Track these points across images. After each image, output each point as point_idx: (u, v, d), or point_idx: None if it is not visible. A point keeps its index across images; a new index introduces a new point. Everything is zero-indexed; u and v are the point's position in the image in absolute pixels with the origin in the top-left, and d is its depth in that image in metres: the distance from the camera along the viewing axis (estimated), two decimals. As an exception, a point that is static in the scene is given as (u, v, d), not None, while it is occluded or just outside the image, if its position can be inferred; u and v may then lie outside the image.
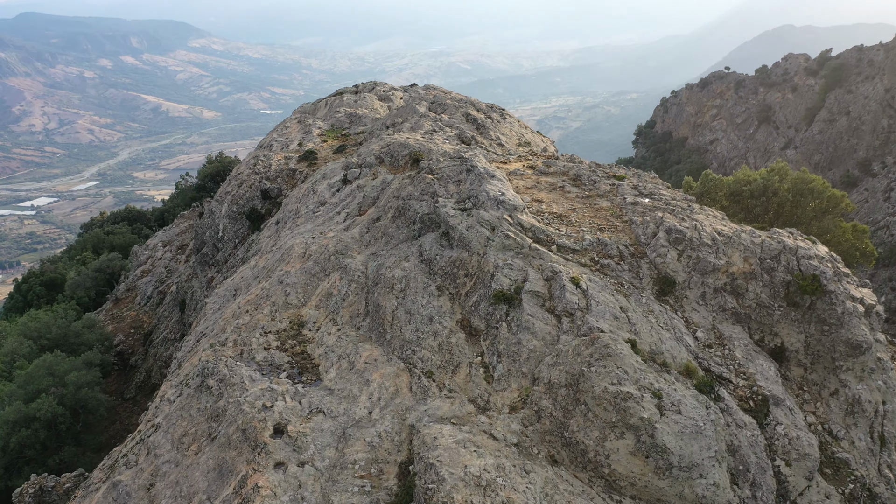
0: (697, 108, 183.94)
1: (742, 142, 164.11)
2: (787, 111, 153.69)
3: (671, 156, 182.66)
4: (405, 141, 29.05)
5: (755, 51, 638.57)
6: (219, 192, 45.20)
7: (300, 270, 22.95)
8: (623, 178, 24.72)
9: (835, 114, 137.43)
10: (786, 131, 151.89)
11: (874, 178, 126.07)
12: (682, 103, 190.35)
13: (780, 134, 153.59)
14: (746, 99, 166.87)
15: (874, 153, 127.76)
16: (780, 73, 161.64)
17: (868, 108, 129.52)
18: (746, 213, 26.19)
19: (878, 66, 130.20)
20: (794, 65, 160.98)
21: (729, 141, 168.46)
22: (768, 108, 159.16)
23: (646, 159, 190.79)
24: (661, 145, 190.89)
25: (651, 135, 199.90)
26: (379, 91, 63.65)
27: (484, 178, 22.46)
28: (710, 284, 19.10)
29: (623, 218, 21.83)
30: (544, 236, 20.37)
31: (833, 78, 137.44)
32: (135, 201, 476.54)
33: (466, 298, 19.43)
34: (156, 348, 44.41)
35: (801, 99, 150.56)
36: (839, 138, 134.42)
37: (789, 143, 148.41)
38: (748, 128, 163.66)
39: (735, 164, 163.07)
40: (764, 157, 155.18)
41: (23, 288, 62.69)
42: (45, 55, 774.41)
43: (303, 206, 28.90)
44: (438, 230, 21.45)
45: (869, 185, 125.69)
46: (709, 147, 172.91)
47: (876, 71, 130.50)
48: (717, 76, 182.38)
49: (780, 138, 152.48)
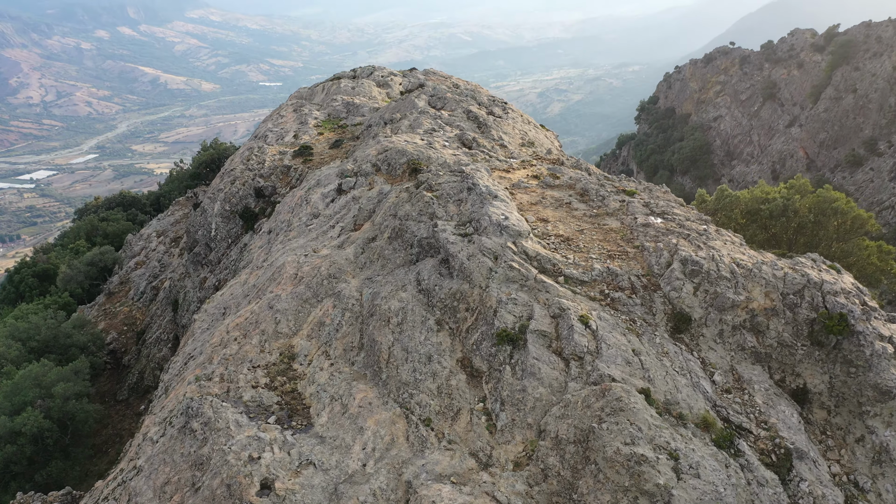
0: (701, 84, 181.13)
1: (746, 119, 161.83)
2: (792, 88, 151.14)
3: (674, 132, 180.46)
4: (403, 147, 27.56)
5: (759, 21, 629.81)
6: (211, 189, 43.75)
7: (291, 295, 21.67)
8: (633, 194, 23.31)
9: (841, 91, 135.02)
10: (791, 108, 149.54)
11: (880, 157, 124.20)
12: (685, 79, 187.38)
13: (784, 111, 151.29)
14: (751, 75, 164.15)
15: (881, 132, 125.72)
16: (785, 48, 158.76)
17: (875, 86, 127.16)
18: (764, 232, 24.82)
19: (886, 43, 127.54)
20: (800, 40, 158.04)
21: (733, 118, 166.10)
22: (773, 84, 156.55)
23: (648, 135, 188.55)
24: (664, 121, 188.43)
25: (654, 111, 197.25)
26: (377, 76, 61.89)
27: (486, 198, 21.05)
28: (729, 322, 17.83)
29: (634, 242, 20.47)
30: (551, 266, 19.04)
31: (840, 54, 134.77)
32: (134, 174, 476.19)
33: (467, 335, 18.17)
34: (148, 348, 43.31)
35: (807, 76, 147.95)
36: (845, 116, 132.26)
37: (794, 121, 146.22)
38: (753, 105, 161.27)
39: (739, 140, 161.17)
40: (768, 134, 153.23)
41: (15, 279, 61.47)
42: (41, 26, 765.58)
43: (295, 217, 27.52)
44: (438, 256, 20.12)
45: (875, 165, 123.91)
46: (712, 124, 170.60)
47: (884, 48, 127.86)
48: (721, 51, 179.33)
49: (785, 116, 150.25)
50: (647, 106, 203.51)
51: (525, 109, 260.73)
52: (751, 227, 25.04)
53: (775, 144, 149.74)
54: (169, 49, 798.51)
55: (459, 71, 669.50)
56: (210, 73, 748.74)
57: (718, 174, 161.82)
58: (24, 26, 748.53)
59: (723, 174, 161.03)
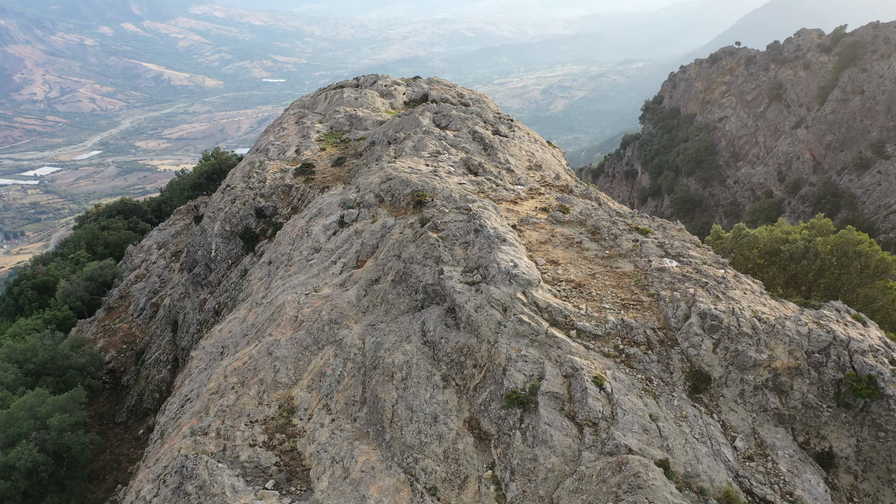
0: (706, 84, 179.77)
1: (752, 120, 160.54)
2: (798, 89, 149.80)
3: (679, 133, 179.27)
4: (407, 177, 26.66)
5: (764, 18, 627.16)
6: (212, 206, 42.92)
7: (291, 341, 20.82)
8: (647, 233, 22.40)
9: (848, 93, 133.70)
10: (797, 110, 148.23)
11: (888, 160, 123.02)
12: (690, 79, 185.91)
13: (791, 112, 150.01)
14: (757, 75, 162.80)
15: (888, 134, 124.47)
16: (792, 49, 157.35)
17: (883, 88, 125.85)
18: (784, 273, 23.89)
19: (894, 44, 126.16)
20: (806, 41, 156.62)
21: (738, 119, 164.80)
22: (779, 85, 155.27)
23: (653, 136, 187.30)
24: (669, 122, 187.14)
25: (658, 110, 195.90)
26: (380, 86, 60.96)
27: (494, 242, 20.16)
28: (750, 381, 16.95)
29: (649, 289, 19.57)
30: (562, 318, 18.16)
31: (847, 55, 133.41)
32: (137, 171, 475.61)
33: (475, 394, 17.31)
34: (147, 369, 42.55)
35: (814, 77, 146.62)
36: (852, 118, 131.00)
37: (801, 122, 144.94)
38: (758, 105, 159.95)
39: (744, 142, 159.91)
40: (774, 135, 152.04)
41: (14, 291, 60.79)
42: (44, 22, 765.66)
43: (296, 251, 26.66)
44: (444, 304, 19.25)
45: (882, 168, 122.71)
46: (717, 125, 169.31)
47: (892, 49, 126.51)
48: (726, 51, 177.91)
49: (792, 117, 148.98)
50: (652, 106, 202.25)
51: (528, 106, 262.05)
52: (770, 268, 24.10)
53: (781, 146, 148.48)
54: (172, 45, 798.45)
55: (463, 67, 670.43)
56: (213, 69, 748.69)
57: (724, 175, 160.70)
58: (28, 22, 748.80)
59: (728, 175, 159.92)
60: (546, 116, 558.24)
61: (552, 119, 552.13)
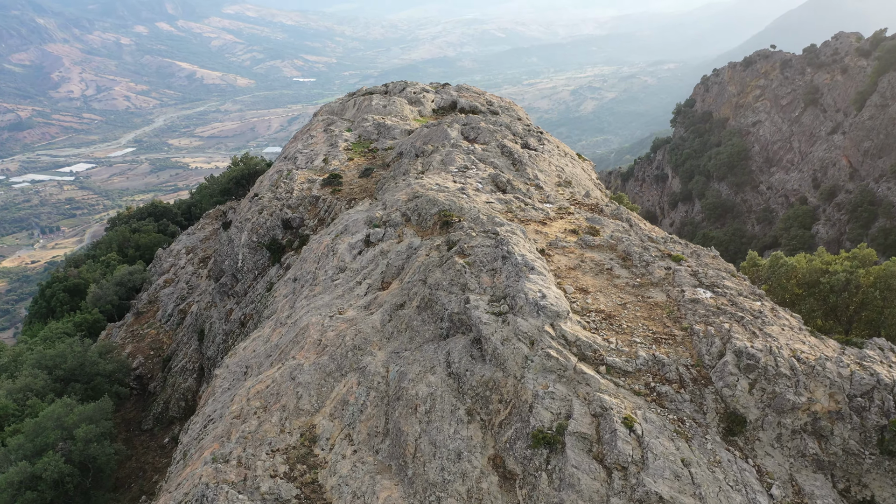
0: (740, 88, 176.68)
1: (787, 125, 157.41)
2: (835, 94, 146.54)
3: (711, 137, 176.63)
4: (434, 197, 26.26)
5: (800, 19, 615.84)
6: (239, 215, 42.99)
7: (314, 366, 20.54)
8: (680, 260, 21.72)
9: (888, 98, 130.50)
10: (834, 115, 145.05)
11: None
12: (723, 82, 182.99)
13: (827, 118, 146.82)
14: (793, 79, 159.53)
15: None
16: (829, 52, 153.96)
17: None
18: (823, 304, 23.03)
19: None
20: (844, 44, 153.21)
21: (773, 123, 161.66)
22: (816, 89, 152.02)
23: (684, 140, 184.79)
24: (701, 126, 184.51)
25: (690, 114, 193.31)
26: (409, 93, 60.67)
27: (522, 270, 19.67)
28: (788, 425, 16.26)
29: (682, 322, 18.94)
30: (591, 352, 17.62)
31: (887, 60, 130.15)
32: (170, 168, 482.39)
33: (500, 430, 16.86)
34: (174, 377, 42.76)
35: (852, 81, 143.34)
36: (891, 124, 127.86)
37: (837, 128, 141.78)
38: (793, 110, 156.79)
39: (778, 147, 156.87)
40: (810, 141, 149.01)
41: (46, 293, 61.73)
42: (82, 21, 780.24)
43: (321, 270, 26.41)
44: (469, 334, 18.82)
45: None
46: (751, 129, 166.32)
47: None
48: (761, 55, 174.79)
49: (828, 122, 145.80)
50: (684, 109, 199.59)
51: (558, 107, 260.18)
52: (808, 299, 23.23)
53: (817, 152, 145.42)
54: (205, 44, 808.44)
55: (492, 67, 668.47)
56: (245, 68, 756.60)
57: (757, 181, 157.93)
58: (67, 21, 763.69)
59: (761, 181, 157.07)
60: (575, 117, 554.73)
61: (581, 120, 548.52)
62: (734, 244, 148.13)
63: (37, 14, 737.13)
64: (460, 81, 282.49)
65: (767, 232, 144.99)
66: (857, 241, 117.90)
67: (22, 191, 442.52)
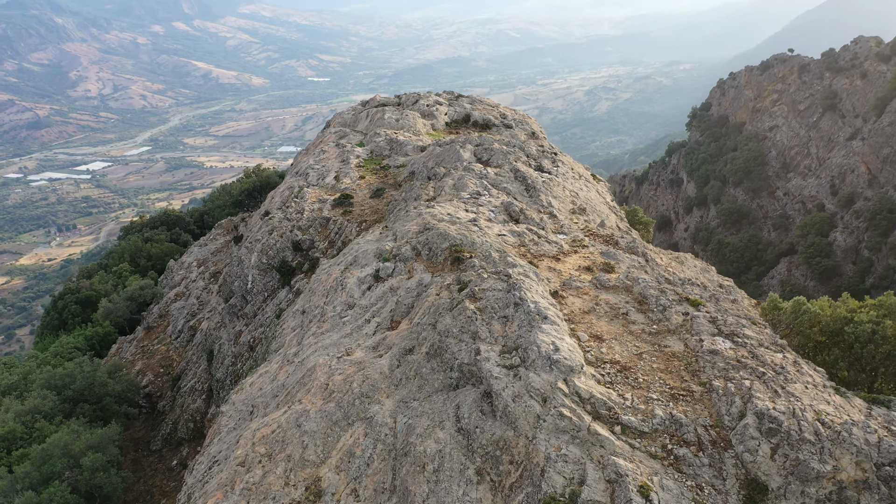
0: (757, 92, 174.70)
1: (804, 130, 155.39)
2: (854, 99, 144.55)
3: (727, 141, 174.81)
4: (445, 230, 25.70)
5: (818, 19, 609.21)
6: (249, 235, 42.64)
7: (320, 413, 20.04)
8: (698, 305, 21.02)
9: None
10: (852, 121, 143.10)
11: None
12: (740, 86, 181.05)
13: (846, 123, 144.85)
14: (810, 84, 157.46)
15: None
16: (848, 57, 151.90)
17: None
18: (847, 354, 22.24)
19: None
20: (864, 49, 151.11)
21: (790, 128, 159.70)
22: (834, 94, 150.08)
23: (700, 144, 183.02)
24: (717, 130, 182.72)
25: (706, 118, 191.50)
26: (422, 106, 60.16)
27: (534, 319, 19.06)
28: (812, 494, 15.56)
29: (700, 376, 18.26)
30: (606, 410, 16.99)
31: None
32: (185, 167, 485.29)
33: (511, 493, 16.26)
34: (183, 397, 42.50)
35: (871, 86, 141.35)
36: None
37: (856, 134, 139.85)
38: (811, 115, 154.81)
39: (796, 152, 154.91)
40: (828, 147, 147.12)
41: (59, 305, 61.82)
42: (99, 21, 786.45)
43: (329, 306, 25.94)
44: (480, 387, 18.24)
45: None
46: (768, 134, 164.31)
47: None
48: (779, 59, 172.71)
49: (846, 128, 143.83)
50: (700, 113, 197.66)
51: (572, 107, 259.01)
52: (832, 349, 22.44)
53: (835, 158, 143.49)
54: (221, 44, 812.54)
55: (507, 67, 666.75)
56: (260, 67, 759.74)
57: (773, 187, 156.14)
58: (85, 21, 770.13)
59: (778, 187, 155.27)
60: (590, 118, 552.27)
61: (596, 121, 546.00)
62: (750, 251, 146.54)
63: (55, 14, 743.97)
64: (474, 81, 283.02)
65: (784, 239, 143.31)
66: (875, 249, 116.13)
67: (39, 189, 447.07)
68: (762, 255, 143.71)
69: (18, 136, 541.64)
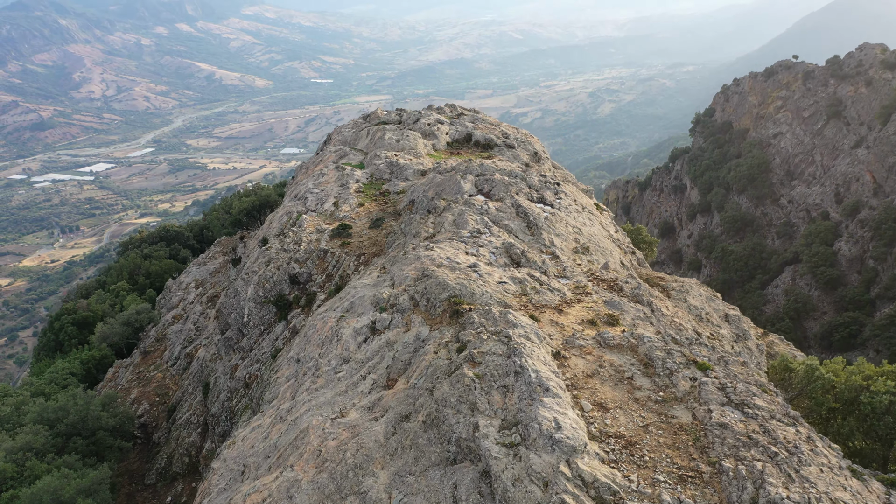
0: (761, 99, 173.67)
1: (808, 137, 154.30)
2: (859, 106, 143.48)
3: (731, 148, 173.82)
4: (444, 280, 24.90)
5: (822, 21, 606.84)
6: (246, 264, 41.88)
7: (312, 484, 19.24)
8: (706, 369, 20.19)
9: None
10: (857, 128, 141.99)
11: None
12: (744, 92, 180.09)
13: (850, 131, 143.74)
14: (815, 91, 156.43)
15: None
16: (853, 64, 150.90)
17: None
18: (863, 424, 21.38)
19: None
20: (869, 56, 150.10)
21: (794, 135, 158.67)
22: (839, 102, 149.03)
23: (703, 150, 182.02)
24: (721, 136, 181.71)
25: (710, 124, 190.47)
26: (423, 125, 59.42)
27: (536, 391, 18.25)
28: None
29: (710, 454, 17.43)
30: (611, 495, 16.17)
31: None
32: (188, 168, 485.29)
33: (510, 587, 15.46)
34: (178, 430, 41.76)
35: (876, 94, 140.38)
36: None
37: (861, 142, 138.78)
38: (816, 122, 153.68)
39: (800, 160, 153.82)
40: (832, 154, 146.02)
41: (55, 326, 61.18)
42: (103, 22, 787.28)
43: (324, 359, 25.15)
44: (478, 465, 17.43)
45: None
46: (772, 141, 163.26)
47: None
48: (783, 65, 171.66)
49: (851, 136, 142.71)
50: (703, 119, 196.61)
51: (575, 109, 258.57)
52: (847, 419, 21.59)
53: (839, 166, 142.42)
54: (224, 45, 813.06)
55: (509, 69, 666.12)
56: (263, 69, 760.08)
57: (777, 194, 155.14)
58: (88, 22, 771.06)
59: (782, 194, 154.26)
60: (593, 120, 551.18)
61: (599, 123, 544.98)
62: (753, 259, 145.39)
63: (59, 15, 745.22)
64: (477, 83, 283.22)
65: (788, 247, 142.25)
66: (880, 259, 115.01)
67: (43, 190, 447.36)
68: (766, 264, 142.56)
69: (22, 138, 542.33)
